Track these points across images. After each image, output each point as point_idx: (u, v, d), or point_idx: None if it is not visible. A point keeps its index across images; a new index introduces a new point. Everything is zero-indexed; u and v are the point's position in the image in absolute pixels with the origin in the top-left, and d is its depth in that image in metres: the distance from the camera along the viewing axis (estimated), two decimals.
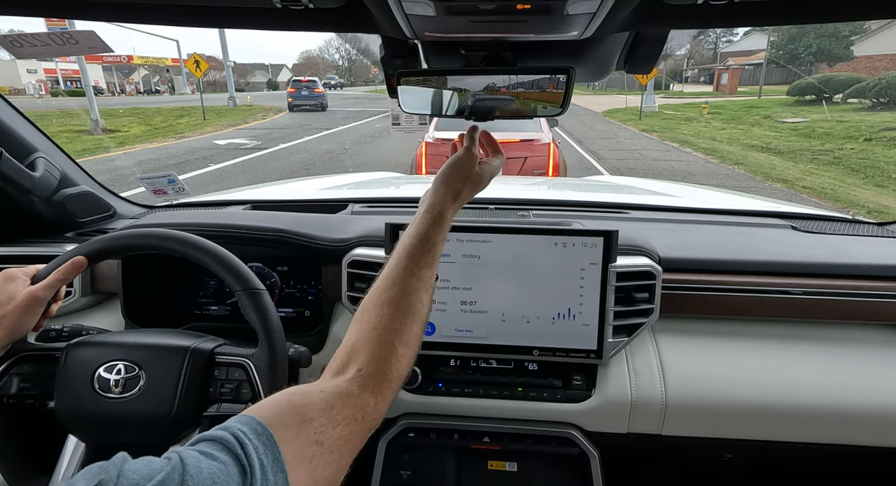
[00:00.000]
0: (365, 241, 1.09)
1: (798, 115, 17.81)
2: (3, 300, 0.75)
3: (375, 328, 0.57)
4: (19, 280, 0.78)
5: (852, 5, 0.60)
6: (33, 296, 0.77)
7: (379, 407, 0.52)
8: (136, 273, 1.13)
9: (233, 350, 0.81)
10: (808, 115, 17.52)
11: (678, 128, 16.56)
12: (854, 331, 1.09)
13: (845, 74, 21.98)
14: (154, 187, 1.53)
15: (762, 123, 17.12)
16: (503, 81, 0.82)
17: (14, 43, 0.86)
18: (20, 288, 0.77)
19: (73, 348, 0.78)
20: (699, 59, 52.15)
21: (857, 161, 10.30)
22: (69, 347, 0.78)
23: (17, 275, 0.79)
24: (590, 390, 1.03)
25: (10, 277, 0.78)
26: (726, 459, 1.08)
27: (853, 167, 9.83)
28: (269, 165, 9.22)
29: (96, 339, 0.80)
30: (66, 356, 0.77)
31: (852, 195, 7.71)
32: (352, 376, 0.53)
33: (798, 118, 16.87)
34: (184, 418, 0.75)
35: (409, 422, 1.05)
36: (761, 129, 15.79)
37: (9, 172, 1.10)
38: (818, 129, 14.40)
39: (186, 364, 0.76)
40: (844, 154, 11.08)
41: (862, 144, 11.95)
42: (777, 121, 17.04)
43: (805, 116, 17.11)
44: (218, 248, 0.82)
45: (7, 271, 0.79)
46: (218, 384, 0.77)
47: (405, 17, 0.60)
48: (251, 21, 0.71)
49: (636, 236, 1.08)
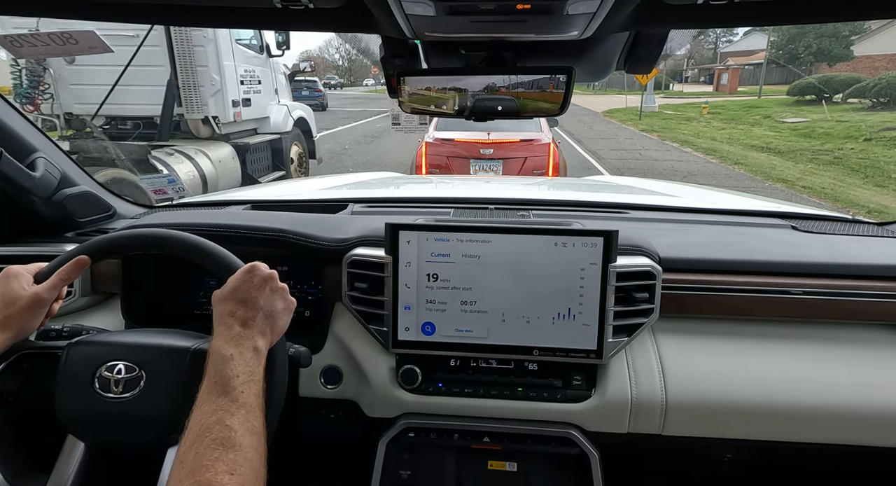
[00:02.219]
0: (365, 241, 1.09)
1: (798, 115, 17.78)
2: (9, 300, 0.75)
3: (192, 471, 0.56)
4: (23, 278, 0.78)
5: (852, 5, 0.60)
6: (38, 296, 0.77)
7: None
8: (135, 273, 1.13)
9: None
10: (808, 115, 17.48)
11: (678, 128, 16.49)
12: (854, 331, 1.09)
13: (845, 74, 21.91)
14: (154, 187, 1.53)
15: (762, 122, 17.06)
16: (503, 81, 0.82)
17: (14, 43, 0.86)
18: (24, 286, 0.77)
19: (75, 347, 0.78)
20: (699, 59, 52.17)
21: (857, 161, 10.28)
22: (70, 345, 0.78)
23: (21, 273, 0.79)
24: (590, 391, 1.03)
25: (14, 275, 0.78)
26: (726, 459, 1.08)
27: (853, 167, 9.82)
28: None
29: (98, 338, 0.80)
30: (68, 355, 0.77)
31: (852, 195, 7.71)
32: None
33: (798, 118, 16.85)
34: (183, 419, 0.74)
35: (409, 422, 1.05)
36: (761, 129, 15.75)
37: (9, 172, 1.10)
38: (818, 129, 14.33)
39: (187, 365, 0.75)
40: (844, 154, 11.05)
41: (862, 144, 11.92)
42: (777, 121, 17.00)
43: (805, 116, 17.08)
44: (220, 249, 0.82)
45: (10, 269, 0.79)
46: None
47: (405, 17, 0.60)
48: (251, 20, 0.71)
49: (636, 236, 1.08)
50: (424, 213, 1.41)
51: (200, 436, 0.60)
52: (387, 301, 1.02)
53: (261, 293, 0.76)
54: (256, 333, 0.73)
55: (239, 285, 0.76)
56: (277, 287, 0.80)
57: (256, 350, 0.72)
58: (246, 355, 0.69)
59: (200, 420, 0.62)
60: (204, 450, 0.58)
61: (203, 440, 0.59)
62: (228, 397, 0.64)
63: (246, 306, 0.74)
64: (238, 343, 0.70)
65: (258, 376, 0.69)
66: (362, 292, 1.04)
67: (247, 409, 0.64)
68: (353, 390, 1.07)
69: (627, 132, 16.36)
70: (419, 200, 1.58)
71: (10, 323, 0.75)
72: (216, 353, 0.69)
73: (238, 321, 0.73)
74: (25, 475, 0.78)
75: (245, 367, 0.68)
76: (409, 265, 1.00)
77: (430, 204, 1.53)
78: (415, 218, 1.09)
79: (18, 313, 0.75)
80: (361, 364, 1.07)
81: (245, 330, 0.72)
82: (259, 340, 0.73)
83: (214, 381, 0.66)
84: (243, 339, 0.71)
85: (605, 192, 2.09)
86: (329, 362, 1.08)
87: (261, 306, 0.75)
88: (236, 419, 0.62)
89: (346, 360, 1.08)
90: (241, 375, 0.67)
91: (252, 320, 0.74)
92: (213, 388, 0.65)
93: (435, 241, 0.99)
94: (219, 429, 0.60)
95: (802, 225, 1.37)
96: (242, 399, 0.64)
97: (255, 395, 0.67)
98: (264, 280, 0.78)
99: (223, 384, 0.65)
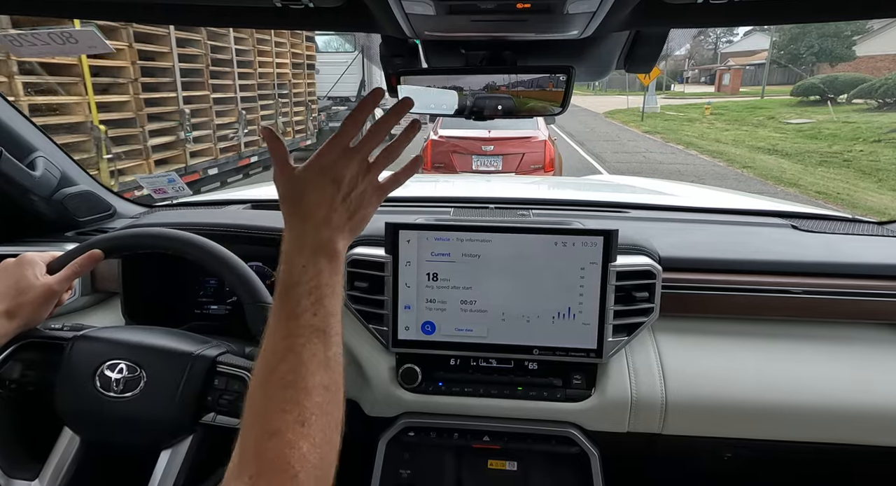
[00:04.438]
0: (365, 240, 1.09)
1: (802, 115, 17.54)
2: (22, 288, 0.75)
3: (260, 415, 0.49)
4: (37, 267, 0.78)
5: (854, 4, 0.60)
6: (50, 289, 0.77)
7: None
8: (136, 272, 1.13)
9: (235, 361, 0.80)
10: (813, 115, 17.25)
11: (681, 129, 16.27)
12: (854, 330, 1.09)
13: (850, 74, 21.48)
14: (154, 187, 1.53)
15: (766, 124, 16.85)
16: (503, 81, 0.82)
17: (14, 42, 0.86)
18: (38, 275, 0.77)
19: (80, 341, 0.78)
20: (699, 59, 52.14)
21: (868, 163, 10.12)
22: (76, 339, 0.78)
23: (36, 261, 0.79)
24: (590, 390, 1.03)
25: (29, 262, 0.78)
26: (726, 458, 1.08)
27: (864, 170, 9.67)
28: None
29: (103, 335, 0.80)
30: (72, 349, 0.77)
31: (870, 201, 7.55)
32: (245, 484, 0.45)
33: (803, 119, 16.61)
34: (179, 423, 0.75)
35: (409, 421, 1.05)
36: (766, 130, 15.53)
37: (9, 172, 1.10)
38: (824, 130, 14.12)
39: (187, 370, 0.75)
40: (854, 156, 10.85)
41: (871, 146, 11.72)
42: (781, 122, 16.78)
43: (809, 117, 16.84)
44: (232, 256, 0.81)
45: (25, 256, 0.79)
46: (217, 394, 0.76)
47: (405, 16, 0.60)
48: (251, 20, 0.71)
49: (636, 236, 1.08)
50: (424, 212, 1.41)
51: (270, 370, 0.51)
52: (387, 301, 1.02)
53: (360, 181, 0.60)
54: (339, 230, 0.58)
55: (336, 160, 0.58)
56: (380, 186, 0.63)
57: (336, 254, 0.57)
58: (321, 262, 0.56)
59: (272, 347, 0.52)
60: (273, 390, 0.50)
61: (272, 376, 0.51)
62: (298, 320, 0.53)
63: (338, 189, 0.58)
64: (315, 246, 0.56)
65: (335, 288, 0.56)
66: (362, 292, 1.04)
67: (319, 336, 0.53)
68: (353, 390, 1.07)
69: (630, 134, 16.13)
70: (419, 200, 1.58)
71: (20, 312, 0.75)
72: (287, 259, 0.56)
73: (325, 207, 0.57)
74: (19, 462, 0.79)
75: (318, 279, 0.55)
76: (409, 265, 1.00)
77: (430, 203, 1.52)
78: (415, 217, 1.09)
79: (30, 302, 0.75)
80: (361, 363, 1.07)
81: (326, 228, 0.57)
82: (340, 240, 0.58)
83: (282, 300, 0.54)
84: (323, 238, 0.56)
85: (605, 191, 2.09)
86: None
87: (352, 199, 0.59)
88: (307, 351, 0.52)
89: (345, 359, 1.08)
90: (313, 291, 0.54)
91: (338, 212, 0.58)
92: (282, 307, 0.54)
93: (435, 240, 0.99)
94: (289, 362, 0.51)
95: (803, 224, 1.36)
96: (316, 323, 0.53)
97: (331, 316, 0.55)
98: (368, 168, 0.61)
99: (293, 305, 0.54)
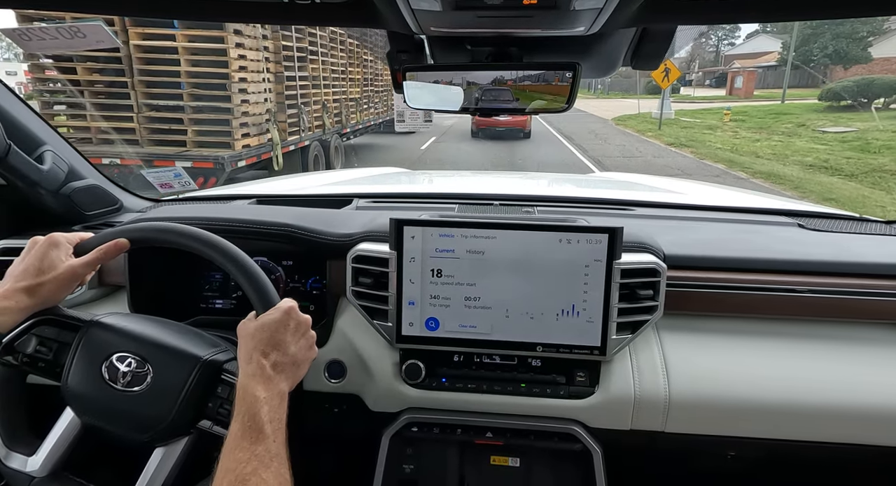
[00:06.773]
0: (370, 236, 1.09)
1: (838, 123, 15.49)
2: (45, 267, 0.76)
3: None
4: (63, 249, 0.78)
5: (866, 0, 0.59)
6: (73, 271, 0.77)
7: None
8: (142, 266, 1.14)
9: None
10: (850, 123, 15.15)
11: (705, 139, 14.16)
12: (860, 330, 1.08)
13: (889, 77, 18.95)
14: (160, 181, 1.54)
15: (799, 132, 14.68)
16: (509, 77, 0.82)
17: (23, 36, 0.86)
18: (62, 257, 0.78)
19: (94, 327, 0.78)
20: (701, 62, 51.67)
21: None
22: (91, 323, 0.78)
23: (63, 242, 0.79)
24: (593, 387, 1.03)
25: (55, 243, 0.78)
26: (729, 457, 1.08)
27: None
28: None
29: (118, 324, 0.80)
30: (86, 334, 0.77)
31: None
32: None
33: (840, 127, 14.65)
34: (178, 425, 0.75)
35: (412, 417, 1.06)
36: (801, 140, 13.42)
37: (17, 165, 1.10)
38: (872, 141, 11.90)
39: (194, 375, 0.75)
40: None
41: None
42: (815, 130, 14.67)
43: (847, 124, 14.91)
44: (250, 262, 0.81)
45: (53, 236, 0.79)
46: (217, 402, 0.76)
47: (411, 12, 0.60)
48: (258, 15, 0.71)
49: (641, 233, 1.08)
50: (429, 208, 1.41)
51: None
52: (391, 296, 1.02)
53: (294, 340, 0.76)
54: (284, 378, 0.72)
55: (276, 327, 0.74)
56: (310, 336, 0.79)
57: (282, 396, 0.70)
58: (274, 400, 0.68)
59: (236, 469, 0.60)
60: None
61: None
62: (263, 444, 0.63)
63: (278, 351, 0.73)
64: (268, 387, 0.68)
65: (284, 423, 0.68)
66: (367, 288, 1.04)
67: (279, 460, 0.63)
68: (357, 385, 1.08)
69: (652, 147, 13.53)
70: (424, 196, 1.58)
71: (40, 290, 0.75)
72: (248, 393, 0.67)
73: (269, 364, 0.71)
74: (20, 435, 0.80)
75: (275, 412, 0.67)
76: (413, 261, 1.00)
77: (434, 199, 1.52)
78: (419, 213, 1.09)
79: (51, 282, 0.76)
80: (365, 359, 1.07)
81: (275, 374, 0.71)
82: (284, 385, 0.72)
83: (248, 425, 0.64)
84: (272, 382, 0.70)
85: (610, 188, 2.08)
86: (333, 356, 1.08)
87: (291, 353, 0.74)
88: (271, 472, 0.61)
89: (350, 354, 1.08)
90: (273, 421, 0.66)
91: (282, 365, 0.72)
92: (248, 432, 0.63)
93: (439, 236, 0.99)
94: (255, 483, 0.59)
95: (809, 223, 1.36)
96: (275, 449, 0.64)
97: (283, 443, 0.66)
98: (299, 326, 0.77)
99: (258, 430, 0.64)
